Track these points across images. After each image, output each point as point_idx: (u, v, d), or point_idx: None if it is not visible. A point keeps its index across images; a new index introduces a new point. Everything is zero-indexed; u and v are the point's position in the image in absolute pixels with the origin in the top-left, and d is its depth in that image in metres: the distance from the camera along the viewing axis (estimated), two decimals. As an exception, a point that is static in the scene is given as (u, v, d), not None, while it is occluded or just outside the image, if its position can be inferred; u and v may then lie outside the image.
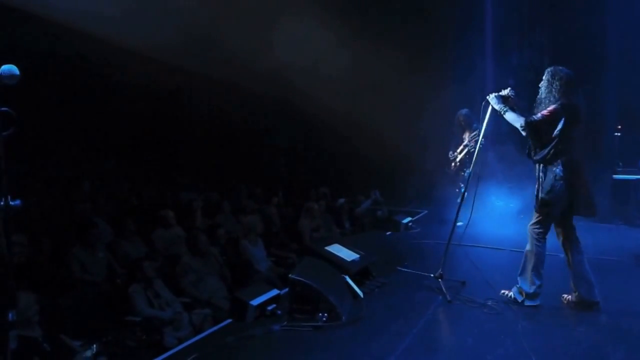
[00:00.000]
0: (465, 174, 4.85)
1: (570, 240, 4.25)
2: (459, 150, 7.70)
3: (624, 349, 3.49)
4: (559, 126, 4.03)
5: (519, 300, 4.28)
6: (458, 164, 7.61)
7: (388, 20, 9.60)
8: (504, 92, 4.39)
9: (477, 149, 4.82)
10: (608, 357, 3.44)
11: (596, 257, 5.97)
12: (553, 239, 4.37)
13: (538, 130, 4.11)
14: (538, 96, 4.25)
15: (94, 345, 4.02)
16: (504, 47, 9.98)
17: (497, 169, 8.06)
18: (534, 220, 4.26)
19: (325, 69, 8.75)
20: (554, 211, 4.15)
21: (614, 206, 8.27)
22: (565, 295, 4.37)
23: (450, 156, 7.82)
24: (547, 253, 4.29)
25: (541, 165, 4.18)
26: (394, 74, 9.32)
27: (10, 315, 2.28)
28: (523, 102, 4.44)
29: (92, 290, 5.04)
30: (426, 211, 9.30)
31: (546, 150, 4.11)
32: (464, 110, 7.74)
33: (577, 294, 4.22)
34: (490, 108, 4.45)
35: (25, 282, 4.32)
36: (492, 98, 4.40)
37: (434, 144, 8.64)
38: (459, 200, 4.76)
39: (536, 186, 4.23)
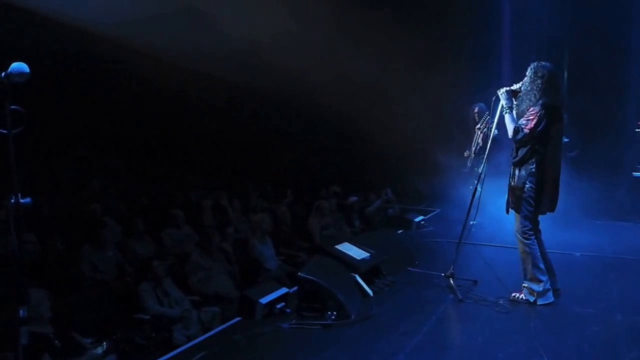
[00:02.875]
0: (482, 172, 4.76)
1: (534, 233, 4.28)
2: (473, 142, 7.52)
3: (638, 348, 3.43)
4: (540, 127, 4.03)
5: (531, 301, 4.23)
6: (473, 156, 7.43)
7: (405, 17, 9.50)
8: (515, 87, 4.33)
9: (488, 145, 4.75)
10: (622, 356, 3.38)
11: (613, 256, 5.90)
12: (549, 236, 4.35)
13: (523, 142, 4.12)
14: (520, 94, 4.23)
15: (104, 343, 4.06)
16: (522, 43, 9.79)
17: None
18: (517, 220, 4.22)
19: (336, 67, 8.70)
20: (533, 205, 4.14)
21: (633, 204, 8.11)
22: (515, 294, 4.34)
23: (466, 154, 7.68)
24: (548, 250, 4.30)
25: (518, 165, 4.19)
26: (409, 72, 9.23)
27: (21, 311, 2.30)
28: None
29: (102, 289, 5.08)
30: (439, 210, 9.21)
31: (525, 150, 4.13)
32: (479, 104, 7.56)
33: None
34: (500, 103, 4.40)
35: (36, 280, 4.37)
36: (502, 93, 4.34)
37: (451, 142, 8.51)
38: (473, 198, 4.67)
39: (510, 185, 4.26)
